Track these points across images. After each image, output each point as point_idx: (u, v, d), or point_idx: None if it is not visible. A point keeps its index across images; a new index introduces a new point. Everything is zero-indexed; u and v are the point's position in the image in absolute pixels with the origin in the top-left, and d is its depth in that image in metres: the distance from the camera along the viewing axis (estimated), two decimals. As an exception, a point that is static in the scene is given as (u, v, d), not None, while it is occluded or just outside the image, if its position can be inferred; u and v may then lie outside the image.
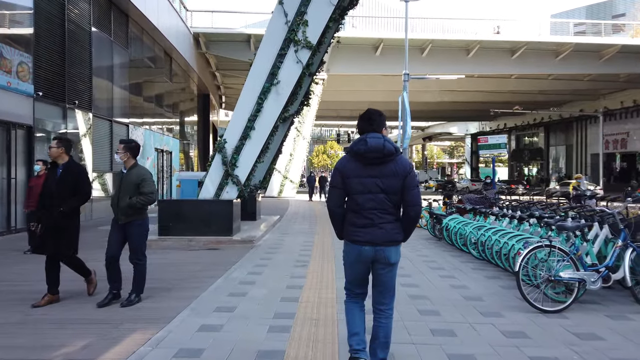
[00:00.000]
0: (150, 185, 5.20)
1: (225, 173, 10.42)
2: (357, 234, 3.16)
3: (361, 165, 3.15)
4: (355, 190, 3.16)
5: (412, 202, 3.16)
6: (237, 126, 10.53)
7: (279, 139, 12.75)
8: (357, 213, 3.18)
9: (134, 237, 5.30)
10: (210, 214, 9.96)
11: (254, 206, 13.25)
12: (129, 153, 5.27)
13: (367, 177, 3.13)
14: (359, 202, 3.16)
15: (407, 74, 20.71)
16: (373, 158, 3.11)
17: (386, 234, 3.14)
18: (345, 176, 3.19)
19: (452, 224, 9.02)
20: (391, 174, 3.12)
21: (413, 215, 3.20)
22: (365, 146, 3.11)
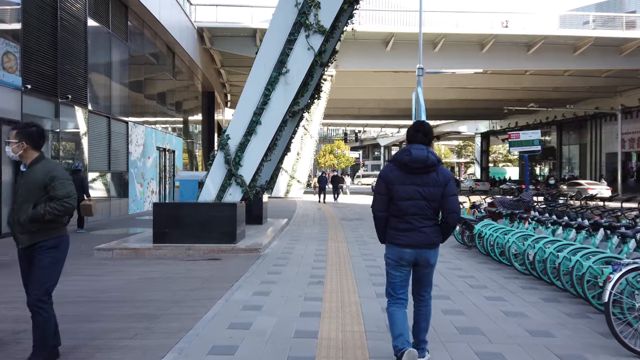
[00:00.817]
0: (64, 185, 3.44)
1: (228, 173, 9.25)
2: (399, 238, 3.36)
3: (404, 174, 3.34)
4: (399, 196, 3.34)
5: (451, 210, 3.34)
6: (242, 120, 9.36)
7: (288, 136, 11.57)
8: (400, 218, 3.36)
9: (40, 267, 3.42)
10: (211, 218, 8.80)
11: (260, 209, 12.09)
12: (25, 142, 3.48)
13: (410, 185, 3.32)
14: (402, 208, 3.34)
15: (421, 69, 19.45)
16: (416, 168, 3.29)
17: (426, 237, 3.33)
18: (389, 183, 3.37)
19: (488, 231, 7.80)
20: (433, 183, 3.30)
21: (451, 222, 3.39)
22: (409, 156, 3.29)
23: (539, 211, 8.18)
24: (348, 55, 27.38)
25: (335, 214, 17.04)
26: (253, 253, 8.43)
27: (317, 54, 9.49)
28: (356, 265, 7.31)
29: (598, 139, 40.73)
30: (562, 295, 5.57)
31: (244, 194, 9.35)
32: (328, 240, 10.14)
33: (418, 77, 19.49)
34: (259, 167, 9.59)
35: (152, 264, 7.56)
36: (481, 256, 8.23)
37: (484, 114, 48.25)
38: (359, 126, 62.49)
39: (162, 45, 21.36)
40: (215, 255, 8.31)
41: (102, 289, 5.84)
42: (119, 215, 16.19)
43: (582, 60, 27.97)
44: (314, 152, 29.12)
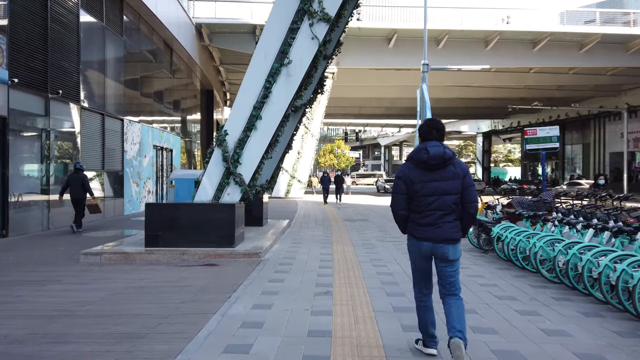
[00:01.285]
0: None
1: (227, 171, 8.58)
2: (418, 231, 3.46)
3: (423, 171, 3.42)
4: (420, 193, 3.42)
5: (470, 199, 3.43)
6: (241, 115, 8.68)
7: (290, 132, 10.91)
8: (421, 213, 3.45)
9: None
10: (207, 220, 8.13)
11: (261, 209, 11.41)
12: None
13: (431, 182, 3.40)
14: (424, 204, 3.43)
15: (426, 64, 18.78)
16: (434, 164, 3.38)
17: (444, 232, 3.40)
18: (409, 182, 3.45)
19: (509, 235, 7.13)
20: (452, 176, 3.39)
21: (472, 212, 3.46)
22: (427, 154, 3.37)
23: (563, 212, 7.51)
24: (350, 52, 26.68)
25: (338, 215, 16.37)
26: (253, 258, 7.76)
27: (322, 43, 8.82)
28: (366, 272, 6.64)
29: (602, 138, 40.12)
30: (602, 308, 4.90)
31: (243, 194, 8.67)
32: (333, 244, 9.46)
33: (423, 74, 18.83)
34: (259, 165, 8.91)
35: (142, 271, 6.88)
36: (500, 261, 7.56)
37: (485, 113, 47.62)
38: (359, 125, 61.81)
39: (159, 41, 20.68)
40: (211, 260, 7.63)
41: (82, 301, 5.16)
42: (114, 216, 15.51)
43: (588, 58, 27.33)
44: (314, 151, 28.42)
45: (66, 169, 13.24)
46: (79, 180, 10.87)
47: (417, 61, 27.36)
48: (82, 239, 10.18)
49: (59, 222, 12.29)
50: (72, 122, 13.39)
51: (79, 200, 10.96)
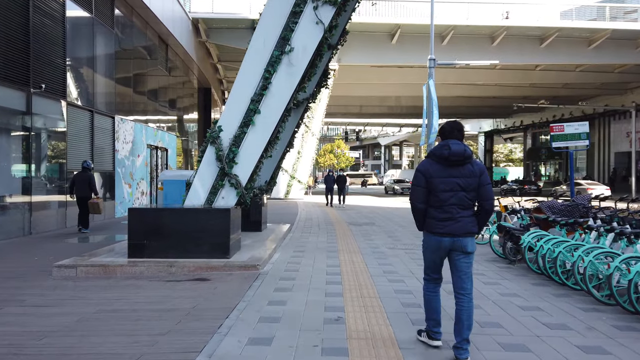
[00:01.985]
0: None
1: (221, 172, 7.58)
2: (438, 227, 3.56)
3: (443, 167, 3.54)
4: (438, 188, 3.53)
5: (487, 197, 3.56)
6: (237, 109, 7.69)
7: (291, 129, 9.94)
8: (439, 208, 3.55)
9: None
10: (199, 227, 7.14)
11: (259, 213, 10.42)
12: None
13: (449, 177, 3.52)
14: (442, 199, 3.53)
15: (433, 60, 17.80)
16: (455, 161, 3.50)
17: (463, 226, 3.53)
18: (429, 177, 3.56)
19: (545, 245, 6.14)
20: (469, 174, 3.53)
21: (488, 208, 3.58)
22: (449, 151, 3.50)
23: (602, 219, 6.53)
24: (351, 49, 25.71)
25: (342, 217, 15.38)
26: (250, 271, 6.77)
27: (327, 29, 7.82)
28: (382, 291, 5.65)
29: (606, 138, 39.20)
30: (683, 342, 3.93)
31: (239, 197, 7.68)
32: (339, 252, 8.47)
33: (429, 69, 17.85)
34: (258, 165, 7.92)
35: (122, 287, 5.89)
36: (532, 274, 6.58)
37: (488, 112, 46.69)
38: (359, 125, 60.79)
39: (153, 36, 19.67)
40: (203, 274, 6.64)
41: (41, 331, 4.17)
42: (104, 219, 14.50)
43: (596, 54, 26.39)
44: (315, 150, 27.43)
45: (51, 169, 12.25)
46: (85, 179, 10.79)
47: (421, 58, 26.43)
48: (63, 245, 9.19)
49: (42, 227, 11.30)
50: (58, 119, 12.39)
51: (84, 199, 10.77)
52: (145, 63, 19.26)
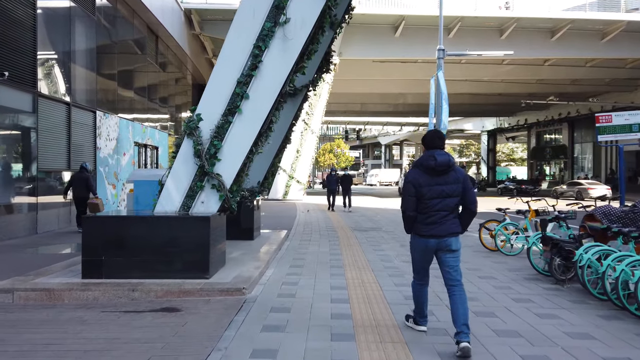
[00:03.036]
0: None
1: (200, 171, 6.10)
2: (424, 230, 3.81)
3: (430, 177, 3.77)
4: (427, 196, 3.77)
5: (471, 200, 3.83)
6: (220, 93, 6.21)
7: (287, 120, 8.47)
8: (427, 214, 3.79)
9: None
10: (171, 240, 5.67)
11: (251, 219, 8.93)
12: None
13: (436, 185, 3.76)
14: (429, 205, 3.77)
15: (442, 50, 16.33)
16: (441, 170, 3.74)
17: (447, 228, 3.78)
18: (418, 186, 3.78)
19: (612, 263, 4.66)
20: (454, 181, 3.78)
21: (473, 210, 3.85)
22: (435, 162, 3.73)
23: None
24: (352, 42, 24.30)
25: (345, 221, 13.90)
26: (234, 296, 5.28)
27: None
28: (408, 334, 4.16)
29: (614, 136, 37.71)
30: None
31: (222, 201, 6.19)
32: (345, 268, 6.98)
33: (438, 60, 16.38)
34: (246, 162, 6.43)
35: (62, 323, 4.41)
36: (593, 300, 5.10)
37: (492, 110, 45.22)
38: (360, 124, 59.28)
39: (141, 26, 18.16)
40: (172, 301, 5.16)
41: None
42: (82, 223, 12.99)
43: (609, 48, 24.93)
44: (315, 149, 25.94)
45: (18, 168, 10.76)
46: (82, 179, 10.79)
47: (426, 51, 24.94)
48: (21, 257, 7.68)
49: (5, 233, 9.80)
50: (26, 112, 10.90)
51: (82, 200, 10.67)
52: (132, 55, 17.75)
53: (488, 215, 10.35)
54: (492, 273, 6.63)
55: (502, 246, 8.24)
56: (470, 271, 6.75)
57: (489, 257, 7.88)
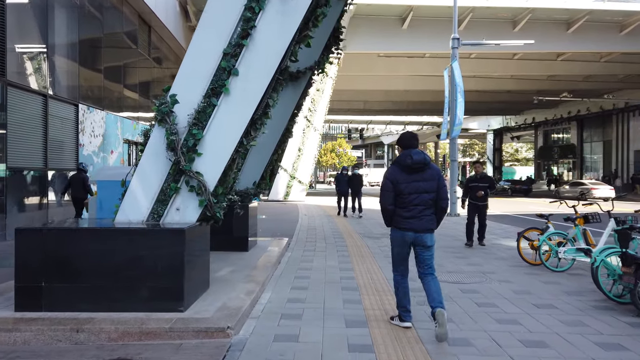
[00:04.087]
0: None
1: (175, 168, 4.67)
2: (403, 223, 4.02)
3: (407, 174, 4.01)
4: (405, 192, 4.00)
5: (443, 197, 4.06)
6: (201, 68, 4.78)
7: (289, 108, 7.03)
8: (405, 208, 4.01)
9: None
10: (134, 260, 4.23)
11: (245, 227, 7.47)
12: None
13: (413, 182, 4.00)
14: (408, 200, 4.00)
15: (457, 39, 14.89)
16: (417, 168, 3.99)
17: (424, 224, 4.01)
18: (395, 182, 4.02)
19: None
20: (429, 178, 4.01)
21: (444, 206, 4.09)
22: (411, 160, 3.98)
23: None
24: (358, 34, 22.84)
25: (352, 227, 12.44)
26: (214, 339, 3.83)
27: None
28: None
29: (625, 135, 36.20)
30: None
31: (204, 208, 4.74)
32: (361, 292, 5.51)
33: (453, 50, 14.95)
34: (235, 157, 4.98)
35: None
36: None
37: (498, 109, 43.68)
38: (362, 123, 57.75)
39: (132, 15, 16.72)
40: (130, 346, 3.70)
41: None
42: (60, 228, 11.54)
43: (629, 41, 23.43)
44: (317, 148, 24.48)
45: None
46: (79, 180, 10.47)
47: (435, 44, 23.50)
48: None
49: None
50: (-12, 102, 9.47)
51: (79, 200, 10.45)
52: (121, 46, 16.31)
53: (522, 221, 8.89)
54: (549, 299, 5.17)
55: (546, 258, 6.79)
56: (519, 295, 5.29)
57: (535, 275, 6.41)
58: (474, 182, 8.85)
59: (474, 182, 8.84)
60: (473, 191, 8.82)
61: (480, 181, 8.80)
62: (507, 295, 5.31)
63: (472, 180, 8.93)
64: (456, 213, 15.15)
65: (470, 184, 8.93)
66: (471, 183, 8.90)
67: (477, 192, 8.71)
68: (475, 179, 8.92)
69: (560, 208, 7.43)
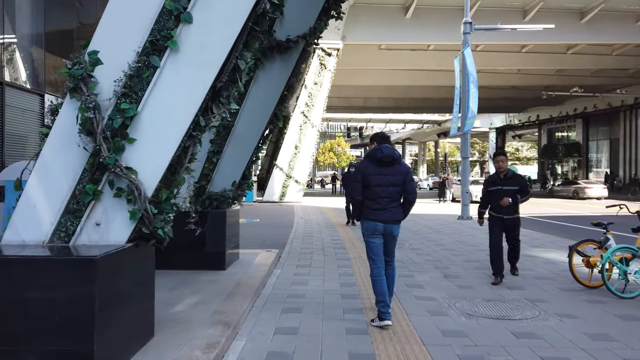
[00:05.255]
0: None
1: (93, 161, 3.07)
2: (373, 214, 4.20)
3: (377, 167, 4.21)
4: (373, 184, 4.18)
5: (411, 191, 4.30)
6: (133, 12, 3.17)
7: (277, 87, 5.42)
8: (374, 200, 4.19)
9: None
10: (18, 308, 2.59)
11: (221, 238, 5.82)
12: None
13: (381, 175, 4.19)
14: (376, 192, 4.18)
15: (469, 23, 13.32)
16: (386, 162, 4.20)
17: (392, 215, 4.21)
18: (365, 174, 4.23)
19: None
20: (398, 172, 4.23)
21: (412, 200, 4.33)
22: (381, 154, 4.20)
23: None
24: (358, 24, 21.24)
25: (354, 233, 10.80)
26: None
27: None
28: None
29: (633, 133, 34.63)
30: None
31: (137, 222, 3.11)
32: (374, 336, 3.89)
33: (464, 36, 13.38)
34: (189, 146, 3.35)
35: None
36: None
37: (502, 106, 42.10)
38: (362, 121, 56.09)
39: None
40: None
41: None
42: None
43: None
44: (315, 145, 22.83)
45: None
46: None
47: (439, 35, 21.85)
48: None
49: None
50: None
51: None
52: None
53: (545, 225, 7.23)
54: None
55: (608, 277, 5.18)
56: (597, 343, 3.68)
57: (601, 304, 4.78)
58: (496, 184, 5.90)
59: (496, 185, 5.89)
60: (495, 198, 5.84)
61: (506, 182, 5.84)
62: (581, 343, 3.70)
63: (493, 182, 5.94)
64: (468, 216, 13.56)
65: (490, 187, 5.96)
66: (492, 186, 5.93)
67: (501, 199, 5.73)
68: (496, 180, 5.91)
69: (620, 213, 5.82)
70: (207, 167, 5.77)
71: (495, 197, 5.85)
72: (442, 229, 11.32)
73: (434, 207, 20.29)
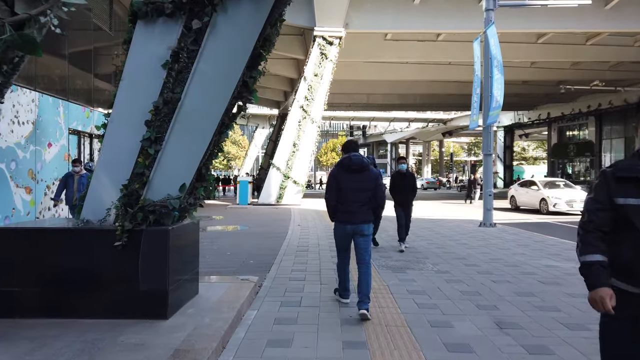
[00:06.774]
0: None
1: None
2: (342, 217, 4.51)
3: (348, 174, 4.52)
4: (345, 189, 4.50)
5: (380, 196, 4.61)
6: None
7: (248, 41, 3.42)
8: (344, 204, 4.50)
9: None
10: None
11: (162, 270, 3.81)
12: None
13: (352, 181, 4.51)
14: (346, 196, 4.49)
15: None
16: (356, 169, 4.50)
17: (360, 216, 4.49)
18: (338, 181, 4.52)
19: None
20: (367, 179, 4.53)
21: (381, 203, 4.72)
22: (350, 162, 4.51)
23: None
24: (362, 10, 19.21)
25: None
26: None
27: None
28: None
29: (649, 131, 32.46)
30: None
31: None
32: None
33: (487, 13, 11.32)
34: None
35: None
36: None
37: (510, 104, 39.81)
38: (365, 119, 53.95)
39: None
40: None
41: None
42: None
43: (675, 18, 19.77)
44: (315, 143, 20.77)
45: None
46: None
47: (451, 22, 19.76)
48: None
49: None
50: None
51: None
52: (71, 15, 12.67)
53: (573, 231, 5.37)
54: None
55: None
56: None
57: None
58: None
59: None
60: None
61: None
62: None
63: None
64: (492, 223, 11.53)
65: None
66: None
67: None
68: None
69: None
70: (142, 162, 3.75)
71: None
72: (465, 240, 9.29)
73: (457, 209, 18.53)
